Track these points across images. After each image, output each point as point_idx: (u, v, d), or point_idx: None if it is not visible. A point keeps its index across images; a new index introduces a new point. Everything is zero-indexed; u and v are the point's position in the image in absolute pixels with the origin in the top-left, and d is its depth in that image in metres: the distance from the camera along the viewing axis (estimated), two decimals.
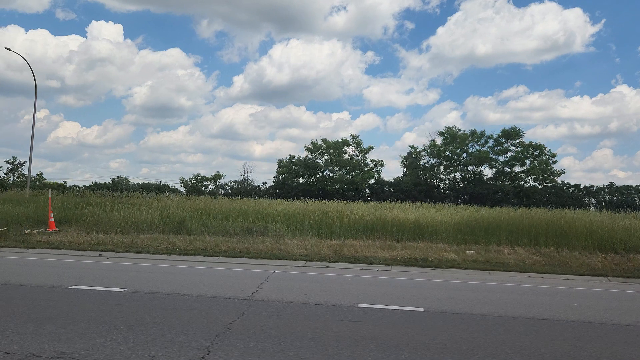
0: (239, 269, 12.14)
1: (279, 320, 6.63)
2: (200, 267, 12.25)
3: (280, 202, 24.11)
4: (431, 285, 10.53)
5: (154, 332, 5.77)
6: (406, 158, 59.82)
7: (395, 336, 5.99)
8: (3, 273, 10.04)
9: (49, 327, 5.87)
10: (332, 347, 5.40)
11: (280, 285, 9.46)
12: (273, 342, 5.54)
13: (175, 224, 18.89)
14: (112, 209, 20.55)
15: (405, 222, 18.65)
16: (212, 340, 5.54)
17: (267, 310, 7.13)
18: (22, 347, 5.11)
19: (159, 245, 15.55)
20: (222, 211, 20.96)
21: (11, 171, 67.95)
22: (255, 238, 17.44)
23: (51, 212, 18.49)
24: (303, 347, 5.39)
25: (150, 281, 9.64)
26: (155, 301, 7.62)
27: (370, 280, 10.89)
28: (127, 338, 5.52)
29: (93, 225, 18.22)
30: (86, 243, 15.63)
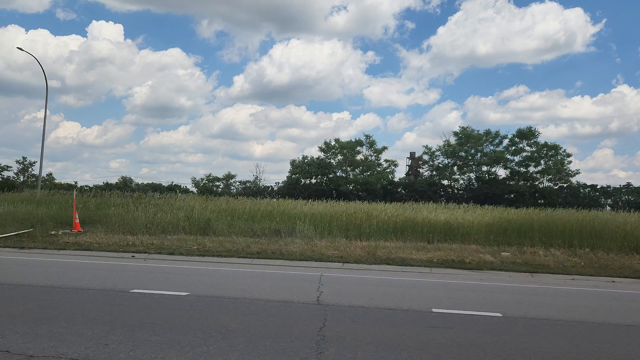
0: (281, 271, 11.92)
1: (365, 326, 6.40)
2: (240, 269, 12.04)
3: (305, 203, 23.87)
4: (490, 288, 10.20)
5: (251, 340, 5.55)
6: (410, 158, 59.55)
7: (497, 344, 5.75)
8: (54, 276, 9.74)
9: (141, 334, 5.66)
10: (445, 357, 5.21)
11: (340, 289, 9.16)
12: (378, 351, 5.32)
13: (201, 224, 18.71)
14: (135, 209, 20.38)
15: (436, 223, 18.41)
16: (316, 348, 5.33)
17: (346, 316, 6.88)
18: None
19: (189, 246, 15.36)
20: (246, 212, 20.77)
21: (21, 171, 68.24)
22: (284, 239, 17.22)
23: (76, 212, 18.34)
24: (415, 357, 5.18)
25: (208, 285, 9.35)
26: (228, 306, 7.36)
27: (422, 284, 10.65)
28: (229, 347, 5.30)
29: (119, 226, 18.05)
30: (115, 244, 15.46)
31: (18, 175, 67.35)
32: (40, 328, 5.78)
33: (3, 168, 67.31)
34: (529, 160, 57.52)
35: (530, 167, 58.22)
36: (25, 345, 5.14)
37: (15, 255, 13.24)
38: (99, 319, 6.29)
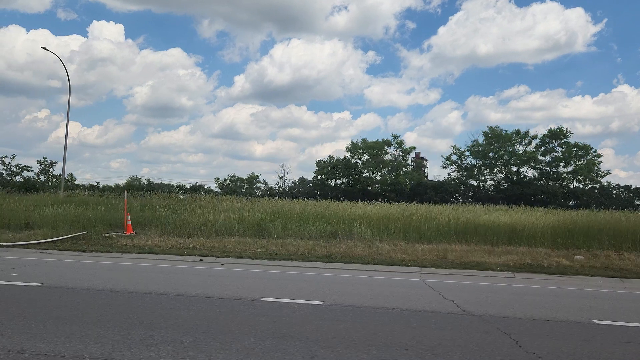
0: (373, 276, 11.47)
1: (561, 342, 5.94)
2: (328, 274, 11.65)
3: (357, 204, 23.48)
4: (617, 296, 9.76)
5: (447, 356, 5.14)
6: (415, 157, 58.77)
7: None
8: (159, 283, 9.33)
9: (300, 348, 5.29)
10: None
11: (469, 298, 8.63)
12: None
13: (254, 227, 18.35)
14: (185, 211, 20.08)
15: (500, 225, 17.92)
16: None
17: (538, 330, 6.44)
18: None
19: (252, 249, 14.98)
20: (297, 214, 20.40)
21: (42, 171, 68.45)
22: (344, 242, 16.81)
23: (128, 214, 18.07)
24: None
25: (338, 292, 8.82)
26: (379, 317, 6.88)
27: (542, 291, 10.17)
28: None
29: (172, 229, 17.73)
30: (175, 247, 15.14)
31: (38, 176, 67.67)
32: (230, 344, 5.42)
33: (23, 168, 67.75)
34: (559, 160, 56.65)
35: (560, 168, 57.35)
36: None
37: (82, 259, 12.94)
38: (246, 331, 5.89)
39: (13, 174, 67.13)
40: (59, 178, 69.40)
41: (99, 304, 7.18)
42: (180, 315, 6.55)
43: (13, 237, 16.30)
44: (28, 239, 16.07)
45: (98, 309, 6.83)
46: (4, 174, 66.27)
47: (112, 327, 5.82)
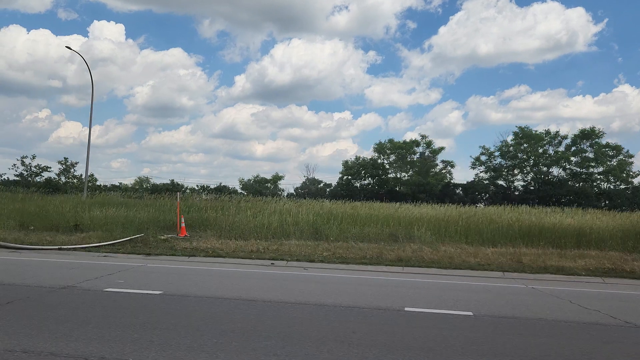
0: (470, 282, 11.00)
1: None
2: (417, 279, 11.22)
3: (412, 206, 23.06)
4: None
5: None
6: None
7: None
8: (267, 289, 8.89)
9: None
10: None
11: (620, 306, 8.23)
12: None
13: (310, 229, 18.00)
14: (238, 212, 19.77)
15: (567, 228, 17.42)
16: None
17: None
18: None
19: (320, 252, 14.64)
20: (349, 215, 20.04)
21: (63, 172, 68.55)
22: (407, 245, 16.41)
23: (182, 217, 17.77)
24: None
25: (473, 301, 8.38)
26: (552, 331, 6.40)
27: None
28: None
29: (227, 231, 17.41)
30: (239, 250, 14.80)
31: (59, 176, 67.81)
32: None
33: (43, 169, 67.93)
34: (591, 161, 55.79)
35: (591, 168, 56.49)
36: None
37: (154, 262, 12.60)
38: (439, 350, 5.45)
39: (33, 174, 67.36)
40: (80, 178, 69.78)
41: (245, 314, 6.76)
42: (349, 329, 6.12)
43: (69, 240, 16.05)
44: (84, 241, 15.81)
45: (253, 320, 6.39)
46: (24, 174, 66.48)
47: (304, 341, 5.44)
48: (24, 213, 20.08)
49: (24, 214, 19.97)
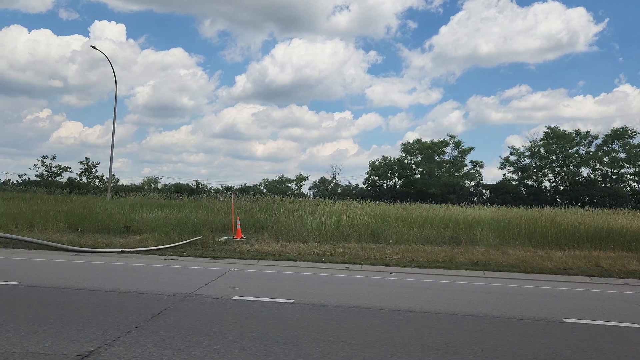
0: (572, 288, 10.57)
1: None
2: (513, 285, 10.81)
3: (461, 208, 22.68)
4: None
5: None
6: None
7: None
8: (394, 298, 8.54)
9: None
10: None
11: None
12: None
13: (366, 231, 17.67)
14: (289, 214, 19.49)
15: (638, 231, 16.96)
16: None
17: None
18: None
19: (389, 256, 14.32)
20: (403, 217, 19.70)
21: (84, 172, 68.68)
22: (471, 248, 16.04)
23: (238, 218, 17.52)
24: None
25: (611, 311, 7.92)
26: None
27: None
28: None
29: (285, 233, 17.12)
30: (305, 253, 14.51)
31: (80, 177, 67.97)
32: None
33: (63, 169, 68.13)
34: (624, 161, 54.90)
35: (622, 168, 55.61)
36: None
37: (234, 266, 12.30)
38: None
39: (54, 174, 67.60)
40: (102, 179, 70.07)
41: (414, 326, 6.45)
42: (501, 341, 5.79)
43: (126, 242, 15.85)
44: (142, 244, 15.60)
45: (434, 334, 6.08)
46: (45, 174, 66.74)
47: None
48: (70, 214, 19.94)
49: (70, 216, 19.83)
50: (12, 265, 11.22)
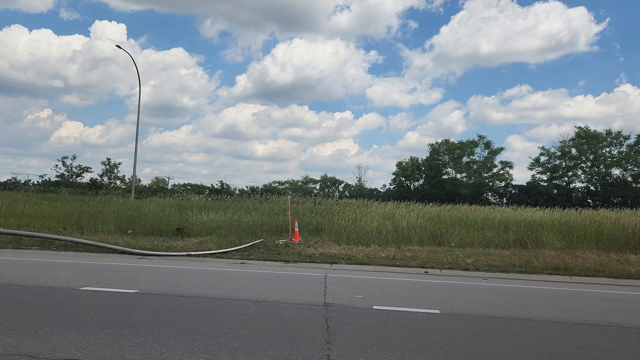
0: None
1: None
2: (610, 291, 10.44)
3: (527, 209, 22.25)
4: None
5: None
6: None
7: None
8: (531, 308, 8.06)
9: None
10: None
11: None
12: None
13: (428, 234, 17.29)
14: (345, 216, 19.16)
15: None
16: None
17: None
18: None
19: (462, 260, 13.96)
20: (459, 219, 19.31)
21: (105, 173, 68.75)
22: (539, 251, 15.60)
23: (295, 220, 17.21)
24: None
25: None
26: None
27: None
28: None
29: (345, 236, 16.77)
30: (375, 257, 14.19)
31: (102, 177, 68.02)
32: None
33: (84, 169, 68.21)
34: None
35: None
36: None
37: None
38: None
39: (74, 174, 67.76)
40: (123, 179, 70.18)
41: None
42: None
43: (187, 245, 15.61)
44: (202, 247, 15.34)
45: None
46: (65, 175, 66.90)
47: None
48: (118, 216, 19.75)
49: (118, 217, 19.64)
50: (102, 270, 10.86)
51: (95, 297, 7.60)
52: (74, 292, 8.01)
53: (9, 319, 6.02)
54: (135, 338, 5.38)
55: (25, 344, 5.05)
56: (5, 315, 6.24)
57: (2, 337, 5.27)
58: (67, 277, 9.53)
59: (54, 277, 9.44)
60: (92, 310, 6.57)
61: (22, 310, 6.54)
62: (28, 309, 6.63)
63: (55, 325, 5.80)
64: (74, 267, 11.12)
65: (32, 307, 6.78)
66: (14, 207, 23.17)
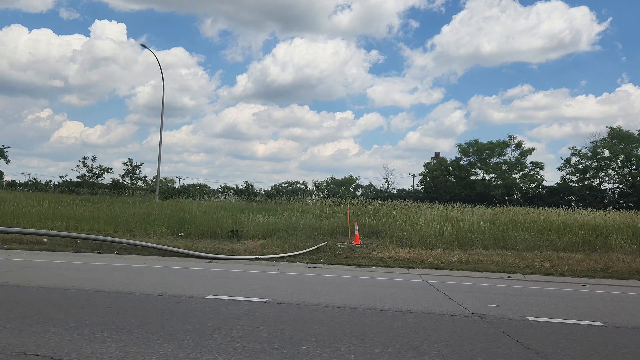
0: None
1: None
2: None
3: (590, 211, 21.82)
4: None
5: None
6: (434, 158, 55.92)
7: None
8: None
9: None
10: None
11: None
12: None
13: (491, 237, 16.95)
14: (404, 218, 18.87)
15: None
16: None
17: None
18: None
19: (541, 264, 13.65)
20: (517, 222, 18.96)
21: (127, 173, 68.74)
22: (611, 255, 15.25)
23: (356, 223, 16.95)
24: None
25: None
26: None
27: None
28: None
29: (407, 239, 16.47)
30: (445, 260, 13.93)
31: (124, 177, 68.09)
32: None
33: (105, 170, 68.24)
34: None
35: None
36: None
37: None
38: None
39: (95, 175, 67.86)
40: (145, 180, 70.24)
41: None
42: None
43: (248, 249, 15.46)
44: (265, 250, 15.15)
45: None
46: (86, 175, 67.02)
47: None
48: (169, 218, 19.59)
49: (170, 219, 19.47)
50: (197, 275, 10.53)
51: (238, 307, 7.04)
52: (208, 301, 7.46)
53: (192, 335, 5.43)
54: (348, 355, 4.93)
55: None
56: (184, 329, 5.68)
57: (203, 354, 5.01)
58: (181, 284, 9.04)
59: (168, 284, 8.87)
60: (259, 324, 6.02)
61: (189, 324, 5.89)
62: (198, 323, 5.99)
63: (247, 341, 5.23)
64: (168, 272, 10.73)
65: (203, 321, 6.11)
66: (57, 209, 23.09)
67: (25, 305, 6.76)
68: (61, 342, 4.97)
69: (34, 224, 19.10)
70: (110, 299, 7.45)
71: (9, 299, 7.20)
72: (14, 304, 6.83)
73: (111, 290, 8.11)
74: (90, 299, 7.39)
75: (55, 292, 7.78)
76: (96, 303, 7.10)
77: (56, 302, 7.07)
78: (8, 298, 7.30)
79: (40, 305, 6.83)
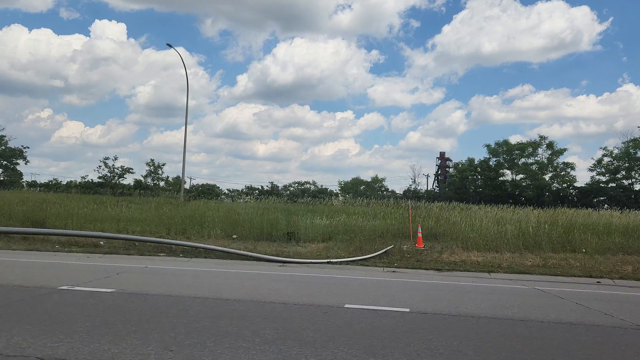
0: None
1: None
2: None
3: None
4: None
5: None
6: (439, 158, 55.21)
7: None
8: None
9: None
10: None
11: None
12: None
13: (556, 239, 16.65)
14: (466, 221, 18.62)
15: None
16: None
17: None
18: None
19: (620, 268, 13.33)
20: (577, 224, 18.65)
21: (149, 174, 68.88)
22: None
23: (419, 225, 16.71)
24: None
25: None
26: None
27: None
28: None
29: (473, 241, 16.20)
30: (519, 265, 13.66)
31: (146, 178, 68.24)
32: None
33: (126, 170, 68.50)
34: None
35: None
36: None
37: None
38: None
39: (116, 176, 68.10)
40: (167, 180, 70.46)
41: None
42: None
43: (312, 252, 15.33)
44: (330, 253, 14.95)
45: None
46: (108, 176, 67.28)
47: None
48: (224, 221, 19.45)
49: (224, 221, 19.34)
50: (294, 281, 10.31)
51: (393, 319, 6.65)
52: (344, 311, 7.11)
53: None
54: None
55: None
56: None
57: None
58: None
59: (281, 292, 8.54)
60: (417, 337, 5.66)
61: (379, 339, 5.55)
62: (360, 337, 5.64)
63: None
64: (264, 278, 10.50)
65: (367, 334, 5.82)
66: (103, 211, 23.06)
67: (190, 317, 6.35)
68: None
69: (83, 226, 19.06)
70: (268, 310, 7.00)
71: (162, 311, 6.67)
72: (180, 315, 6.42)
73: (242, 299, 7.75)
74: (248, 309, 6.98)
75: (186, 301, 7.43)
76: (269, 315, 6.68)
77: (207, 313, 6.70)
78: (161, 309, 6.79)
79: (200, 317, 6.42)
